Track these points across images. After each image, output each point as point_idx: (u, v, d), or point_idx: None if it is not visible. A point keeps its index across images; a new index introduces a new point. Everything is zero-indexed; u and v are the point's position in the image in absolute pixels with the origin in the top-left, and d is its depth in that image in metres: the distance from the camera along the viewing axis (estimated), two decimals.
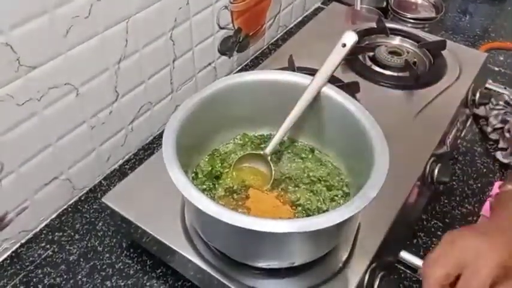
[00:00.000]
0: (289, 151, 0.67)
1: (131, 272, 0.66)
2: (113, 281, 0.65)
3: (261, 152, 0.62)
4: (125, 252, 0.68)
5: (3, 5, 0.52)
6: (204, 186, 0.61)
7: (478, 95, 0.85)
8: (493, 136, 0.87)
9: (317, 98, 0.62)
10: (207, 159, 0.64)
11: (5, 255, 0.67)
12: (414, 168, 0.69)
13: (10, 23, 0.54)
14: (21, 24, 0.55)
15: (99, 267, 0.66)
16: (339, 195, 0.61)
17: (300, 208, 0.58)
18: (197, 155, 0.64)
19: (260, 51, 1.05)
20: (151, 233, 0.60)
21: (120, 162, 0.81)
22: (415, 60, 0.90)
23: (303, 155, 0.66)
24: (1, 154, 0.60)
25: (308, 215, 0.58)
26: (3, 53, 0.54)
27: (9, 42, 0.54)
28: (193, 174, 0.62)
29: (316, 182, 0.62)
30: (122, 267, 0.66)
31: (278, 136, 0.61)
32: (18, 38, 0.55)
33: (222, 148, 0.66)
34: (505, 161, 0.82)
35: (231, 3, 0.87)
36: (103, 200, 0.63)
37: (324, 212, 0.58)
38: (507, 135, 0.84)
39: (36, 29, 0.56)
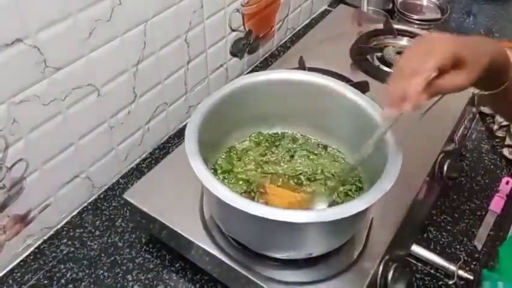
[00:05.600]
0: (303, 148, 0.69)
1: (151, 266, 0.68)
2: (133, 274, 0.67)
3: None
4: (145, 247, 0.70)
5: (30, 9, 0.54)
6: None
7: None
8: (500, 133, 0.89)
9: (329, 96, 0.64)
10: (224, 157, 0.67)
11: (28, 251, 0.70)
12: (424, 165, 0.71)
13: (37, 27, 0.56)
14: (47, 27, 0.57)
15: (119, 262, 0.68)
16: (353, 190, 0.63)
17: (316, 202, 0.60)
18: (214, 151, 0.66)
19: (270, 52, 1.08)
20: (171, 226, 0.62)
21: (137, 161, 0.83)
22: None
23: (316, 152, 0.68)
24: (27, 152, 0.62)
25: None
26: (31, 55, 0.57)
27: (37, 45, 0.57)
28: (212, 171, 0.64)
29: (330, 177, 0.64)
30: (141, 261, 0.68)
31: None
32: (44, 40, 0.57)
33: (238, 145, 0.68)
34: None
35: (242, 6, 0.90)
36: (124, 196, 0.66)
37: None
38: None
39: (61, 31, 0.59)
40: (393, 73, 0.49)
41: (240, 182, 0.63)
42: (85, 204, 0.76)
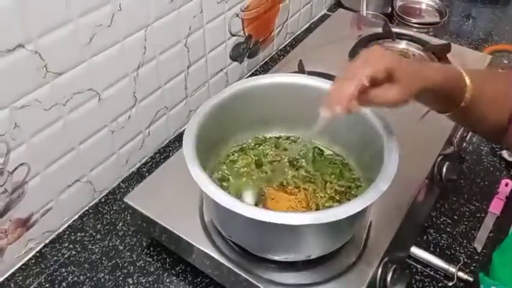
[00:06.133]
0: (302, 151, 0.69)
1: (152, 269, 0.68)
2: (134, 278, 0.67)
3: None
4: (145, 250, 0.71)
5: (31, 15, 0.55)
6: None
7: None
8: None
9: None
10: (223, 161, 0.67)
11: (30, 255, 0.70)
12: (423, 167, 0.72)
13: (38, 32, 0.57)
14: (48, 32, 0.58)
15: (120, 265, 0.69)
16: (352, 186, 0.63)
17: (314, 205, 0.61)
18: (214, 155, 0.66)
19: (269, 57, 1.09)
20: (171, 230, 0.63)
21: (138, 165, 0.84)
22: None
23: (314, 156, 0.69)
24: (28, 156, 0.63)
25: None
26: (32, 60, 0.58)
27: (38, 50, 0.58)
28: (211, 176, 0.64)
29: (328, 180, 0.65)
30: (142, 265, 0.69)
31: None
32: (45, 45, 0.58)
33: (237, 149, 0.69)
34: (511, 159, 0.84)
35: (242, 11, 0.91)
36: (125, 199, 0.66)
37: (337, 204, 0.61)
38: None
39: (62, 37, 0.60)
40: (336, 77, 0.52)
41: (240, 186, 0.63)
42: (86, 208, 0.77)
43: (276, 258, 0.57)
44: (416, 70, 0.52)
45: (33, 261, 0.70)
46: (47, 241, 0.72)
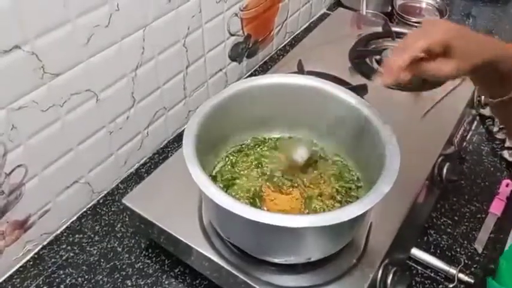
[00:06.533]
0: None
1: (150, 271, 0.68)
2: (132, 280, 0.67)
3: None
4: (144, 252, 0.70)
5: (28, 16, 0.55)
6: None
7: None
8: (500, 135, 0.89)
9: (327, 99, 0.64)
10: (222, 162, 0.66)
11: (28, 257, 0.70)
12: (423, 168, 0.71)
13: (35, 33, 0.56)
14: (46, 33, 0.57)
15: (119, 267, 0.68)
16: (352, 187, 0.63)
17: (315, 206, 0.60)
18: (213, 156, 0.66)
19: (269, 56, 1.08)
20: (170, 231, 0.62)
21: (136, 166, 0.83)
22: None
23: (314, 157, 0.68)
24: (26, 158, 0.62)
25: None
26: (29, 62, 0.57)
27: (35, 51, 0.57)
28: (211, 177, 0.64)
29: (327, 181, 0.64)
30: (141, 266, 0.68)
31: None
32: (42, 46, 0.58)
33: (236, 150, 0.68)
34: None
35: (241, 10, 0.90)
36: (123, 201, 0.66)
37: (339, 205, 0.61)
38: None
39: (60, 37, 0.59)
40: (394, 49, 0.52)
41: (241, 188, 0.63)
42: (84, 209, 0.76)
43: (276, 260, 0.56)
44: (476, 45, 0.50)
45: (31, 263, 0.69)
46: (45, 243, 0.72)
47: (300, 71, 0.86)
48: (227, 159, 0.67)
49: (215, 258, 0.59)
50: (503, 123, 0.74)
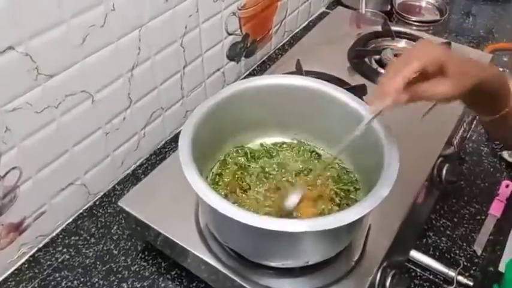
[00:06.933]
0: (297, 154, 0.68)
1: (146, 274, 0.67)
2: (129, 283, 0.66)
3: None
4: (140, 254, 0.70)
5: (22, 16, 0.54)
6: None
7: None
8: None
9: (325, 101, 0.64)
10: (218, 165, 0.66)
11: (23, 260, 0.69)
12: (422, 169, 0.71)
13: (29, 33, 0.55)
14: (40, 34, 0.57)
15: (115, 269, 0.68)
16: (351, 189, 0.62)
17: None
18: (210, 158, 0.65)
19: (267, 56, 1.07)
20: (166, 234, 0.61)
21: (133, 167, 0.82)
22: None
23: (311, 159, 0.67)
24: (20, 160, 0.62)
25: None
26: (23, 63, 0.56)
27: (29, 52, 0.56)
28: (208, 180, 0.63)
29: (326, 183, 0.64)
30: (137, 269, 0.68)
31: None
32: (36, 47, 0.57)
33: (233, 152, 0.68)
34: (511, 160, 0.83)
35: (239, 9, 0.89)
36: (119, 203, 0.65)
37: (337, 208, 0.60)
38: None
39: (54, 38, 0.58)
40: (385, 71, 0.51)
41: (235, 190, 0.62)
42: (80, 211, 0.76)
43: (273, 264, 0.56)
44: (469, 66, 0.50)
45: (26, 265, 0.69)
46: (41, 245, 0.71)
47: (298, 70, 0.85)
48: (225, 161, 0.66)
49: (212, 261, 0.58)
50: (496, 140, 0.75)
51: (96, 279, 0.67)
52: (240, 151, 0.68)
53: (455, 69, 0.47)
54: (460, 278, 0.65)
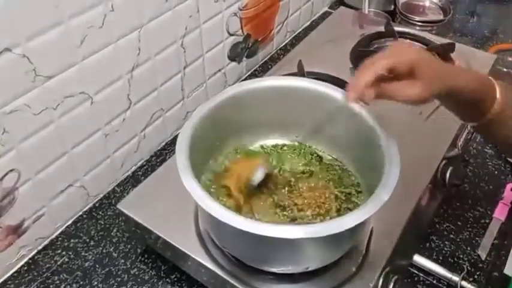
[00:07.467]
0: (298, 156, 0.67)
1: (146, 277, 0.67)
2: (128, 286, 0.66)
3: None
4: (140, 258, 0.69)
5: (19, 18, 0.53)
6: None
7: None
8: None
9: (326, 102, 0.63)
10: (216, 167, 0.65)
11: (22, 262, 0.68)
12: (426, 171, 0.70)
13: (26, 35, 0.55)
14: (37, 35, 0.56)
15: (114, 273, 0.67)
16: (352, 193, 0.61)
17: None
18: (210, 159, 0.64)
19: (269, 56, 1.06)
20: (165, 238, 0.61)
21: (133, 168, 0.82)
22: None
23: (312, 162, 0.66)
24: (18, 162, 0.61)
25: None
26: (20, 64, 0.56)
27: (26, 54, 0.56)
28: (206, 182, 0.62)
29: (327, 186, 0.63)
30: (137, 272, 0.67)
31: None
32: (34, 49, 0.56)
33: (233, 154, 0.67)
34: None
35: (240, 10, 0.88)
36: (118, 206, 0.64)
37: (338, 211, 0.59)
38: None
39: (52, 39, 0.58)
40: (360, 67, 0.51)
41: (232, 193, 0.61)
42: (80, 213, 0.75)
43: (273, 270, 0.55)
44: (443, 69, 0.50)
45: (25, 268, 0.68)
46: (40, 248, 0.70)
47: (300, 71, 0.84)
48: (224, 164, 0.65)
49: (211, 266, 0.58)
50: (490, 143, 0.73)
51: (96, 283, 0.66)
52: (240, 152, 0.67)
53: (426, 72, 0.47)
54: (464, 283, 0.64)
